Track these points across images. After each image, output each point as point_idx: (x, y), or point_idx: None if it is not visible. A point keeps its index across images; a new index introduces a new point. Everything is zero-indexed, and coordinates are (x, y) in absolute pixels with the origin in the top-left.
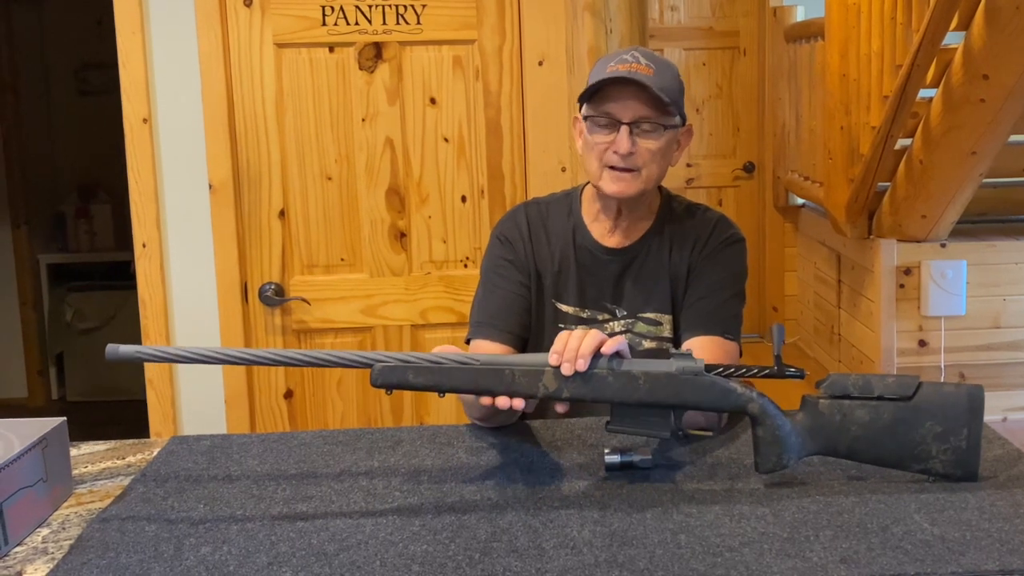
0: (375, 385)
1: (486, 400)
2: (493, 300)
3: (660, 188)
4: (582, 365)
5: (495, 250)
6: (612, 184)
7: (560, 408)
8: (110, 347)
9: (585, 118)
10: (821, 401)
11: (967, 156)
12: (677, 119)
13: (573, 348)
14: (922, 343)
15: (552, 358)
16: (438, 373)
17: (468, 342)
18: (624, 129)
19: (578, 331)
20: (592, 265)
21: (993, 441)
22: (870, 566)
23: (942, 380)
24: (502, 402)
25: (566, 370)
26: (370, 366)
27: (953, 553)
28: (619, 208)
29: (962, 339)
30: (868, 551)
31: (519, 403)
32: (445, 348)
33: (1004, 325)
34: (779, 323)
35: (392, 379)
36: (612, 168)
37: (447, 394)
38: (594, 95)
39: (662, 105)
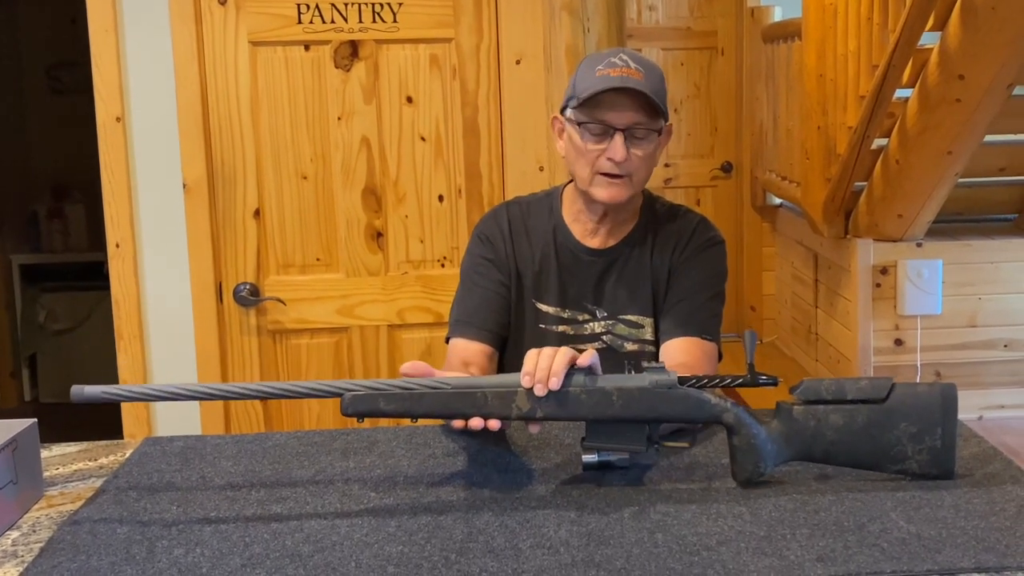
0: (346, 414)
1: (458, 424)
2: (472, 299)
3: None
4: (555, 384)
5: (475, 249)
6: (603, 191)
7: (534, 428)
8: (75, 389)
9: (578, 124)
10: (795, 407)
11: (943, 156)
12: (662, 120)
13: (544, 368)
14: (898, 342)
15: (524, 380)
16: (409, 400)
17: (448, 341)
18: (619, 136)
19: (547, 349)
20: (573, 265)
21: (969, 439)
22: (847, 564)
23: (918, 379)
24: (476, 423)
25: (539, 391)
26: (340, 395)
27: (929, 551)
28: (605, 211)
29: (938, 338)
30: (845, 549)
31: (494, 424)
32: (414, 365)
33: (980, 324)
34: (751, 330)
35: (363, 408)
36: (604, 175)
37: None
38: (586, 101)
39: (655, 110)
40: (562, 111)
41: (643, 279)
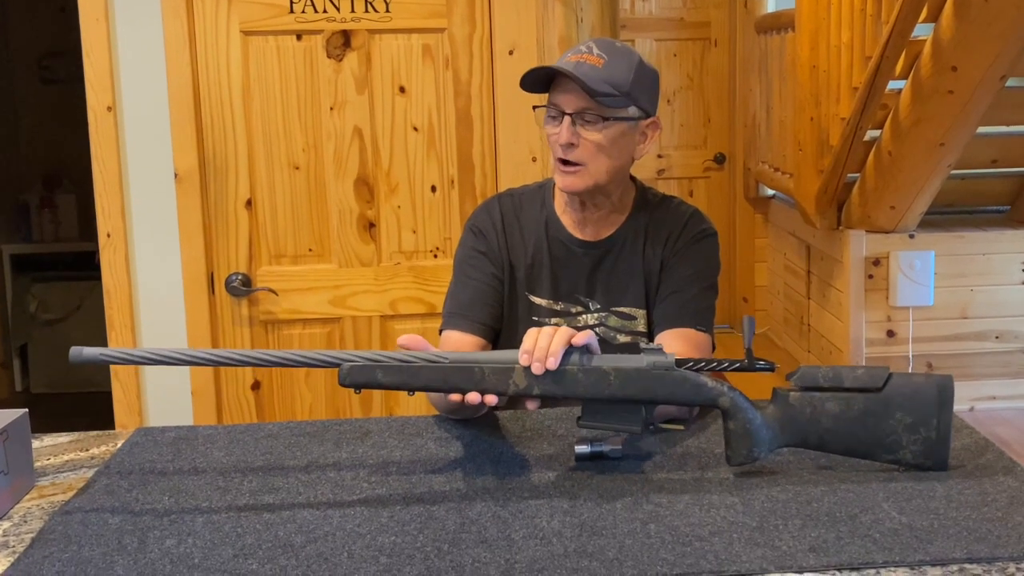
0: (343, 385)
1: (455, 398)
2: (465, 291)
3: (634, 180)
4: (552, 363)
5: (468, 241)
6: (560, 178)
7: (531, 405)
8: (74, 350)
9: (535, 108)
10: (792, 393)
11: (935, 147)
12: (631, 110)
13: (543, 347)
14: (890, 333)
15: (523, 358)
16: (407, 372)
17: (441, 333)
18: (566, 120)
19: (547, 328)
20: (565, 258)
21: (961, 430)
22: (839, 555)
23: (910, 370)
24: (473, 398)
25: (536, 369)
26: (338, 365)
27: (921, 541)
28: (581, 202)
29: (930, 329)
30: (837, 540)
31: (491, 399)
32: (411, 338)
33: (971, 316)
34: (750, 315)
35: (361, 379)
36: (561, 161)
37: (416, 392)
38: (548, 86)
39: (601, 97)
40: None
41: (636, 271)
